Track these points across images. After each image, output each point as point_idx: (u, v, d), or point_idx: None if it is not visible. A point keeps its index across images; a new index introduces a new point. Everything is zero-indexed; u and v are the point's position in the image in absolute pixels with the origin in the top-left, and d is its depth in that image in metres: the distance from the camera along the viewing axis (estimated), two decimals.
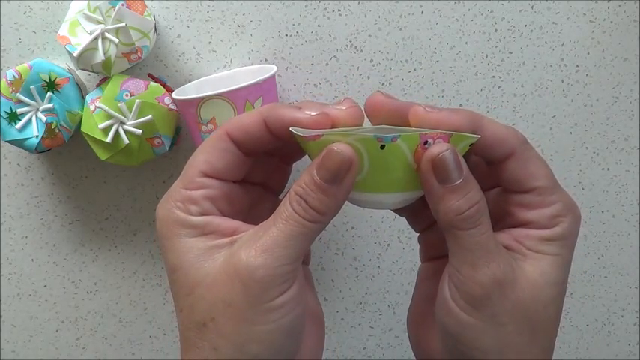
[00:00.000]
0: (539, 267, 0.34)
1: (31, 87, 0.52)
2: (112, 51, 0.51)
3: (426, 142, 0.32)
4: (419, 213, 0.40)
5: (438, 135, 0.32)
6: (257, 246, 0.32)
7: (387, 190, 0.34)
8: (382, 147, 0.32)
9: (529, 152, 0.35)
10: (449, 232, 0.33)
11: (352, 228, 0.62)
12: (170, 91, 0.55)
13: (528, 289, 0.33)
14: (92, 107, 0.52)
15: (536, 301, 0.34)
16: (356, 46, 0.58)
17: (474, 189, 0.33)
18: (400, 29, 0.58)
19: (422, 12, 0.58)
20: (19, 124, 0.52)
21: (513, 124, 0.60)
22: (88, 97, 0.53)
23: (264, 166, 0.39)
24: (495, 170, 0.36)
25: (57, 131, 0.53)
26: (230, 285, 0.32)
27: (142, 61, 0.57)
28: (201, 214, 0.34)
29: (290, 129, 0.33)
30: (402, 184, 0.33)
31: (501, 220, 0.36)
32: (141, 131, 0.52)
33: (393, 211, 0.40)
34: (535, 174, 0.35)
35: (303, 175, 0.33)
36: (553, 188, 0.35)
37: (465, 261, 0.33)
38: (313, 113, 0.33)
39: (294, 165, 0.41)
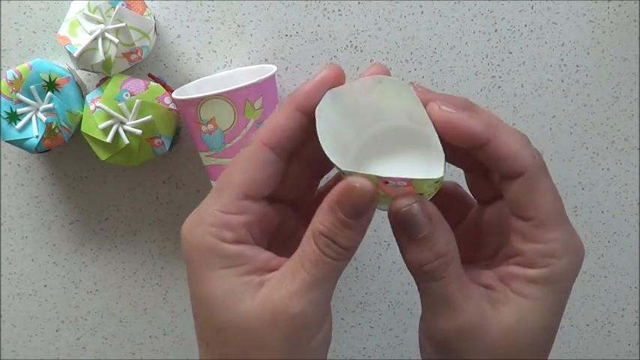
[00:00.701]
0: (518, 312, 0.32)
1: (31, 87, 0.52)
2: (112, 51, 0.51)
3: (387, 182, 0.31)
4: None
5: (400, 179, 0.31)
6: (291, 292, 0.31)
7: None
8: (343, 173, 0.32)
9: (541, 179, 0.32)
10: (415, 281, 0.33)
11: None
12: (170, 91, 0.55)
13: (501, 337, 0.32)
14: (92, 107, 0.52)
15: (510, 348, 0.32)
16: (356, 46, 0.58)
17: (439, 241, 0.32)
18: (400, 29, 0.58)
19: (422, 12, 0.58)
20: (19, 124, 0.52)
21: (513, 124, 0.60)
22: (88, 97, 0.53)
23: (295, 180, 0.37)
24: (502, 184, 0.34)
25: (57, 131, 0.53)
26: (267, 332, 0.31)
27: (142, 61, 0.57)
28: (237, 242, 0.33)
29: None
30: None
31: (501, 237, 0.35)
32: (141, 131, 0.52)
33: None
34: (538, 204, 0.32)
35: (324, 213, 0.32)
36: (555, 225, 0.32)
37: (428, 308, 0.33)
38: (327, 71, 0.33)
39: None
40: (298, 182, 0.37)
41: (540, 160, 0.33)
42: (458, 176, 0.38)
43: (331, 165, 0.32)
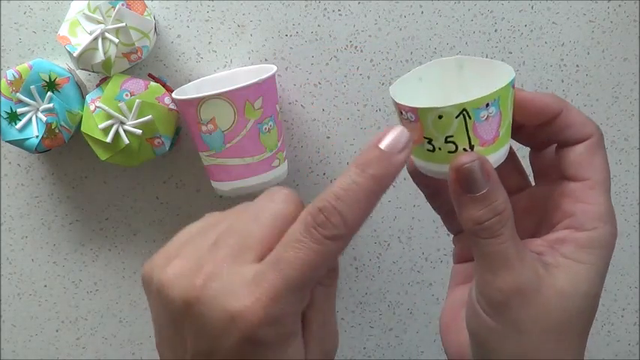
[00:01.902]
0: (571, 277, 0.34)
1: (31, 87, 0.52)
2: (112, 51, 0.51)
3: (401, 113, 0.33)
4: (453, 215, 0.40)
5: (408, 108, 0.33)
6: None
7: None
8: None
9: (600, 148, 0.36)
10: (471, 239, 0.34)
11: None
12: (170, 91, 0.55)
13: (555, 299, 0.33)
14: (92, 107, 0.52)
15: (563, 312, 0.34)
16: (356, 46, 0.58)
17: (498, 199, 0.33)
18: (400, 29, 0.58)
19: (422, 12, 0.58)
20: (19, 124, 0.52)
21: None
22: (88, 97, 0.53)
23: None
24: (562, 156, 0.36)
25: (57, 131, 0.53)
26: None
27: (142, 61, 0.57)
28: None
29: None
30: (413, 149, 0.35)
31: (549, 213, 0.37)
32: (141, 131, 0.52)
33: (434, 209, 0.41)
34: (598, 165, 0.35)
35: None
36: (606, 190, 0.35)
37: (485, 267, 0.33)
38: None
39: None
40: None
41: (602, 132, 0.36)
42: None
43: None
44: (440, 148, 0.34)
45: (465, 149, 0.34)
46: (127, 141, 0.52)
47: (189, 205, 0.60)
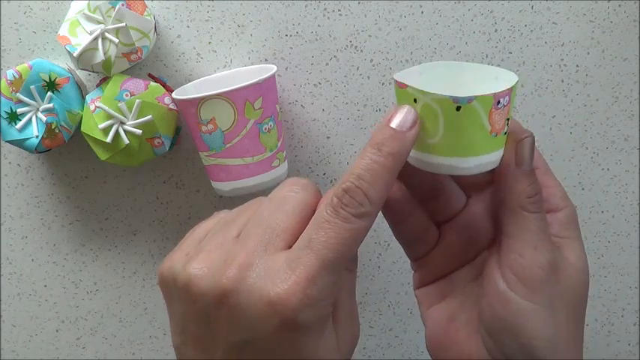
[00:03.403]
0: (573, 252, 0.36)
1: (31, 87, 0.52)
2: (112, 51, 0.51)
3: (498, 102, 0.34)
4: (419, 240, 0.41)
5: (505, 92, 0.34)
6: None
7: (460, 154, 0.35)
8: (458, 108, 0.33)
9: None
10: (517, 214, 0.35)
11: None
12: (170, 91, 0.55)
13: (574, 274, 0.35)
14: (92, 107, 0.52)
15: (580, 285, 0.35)
16: (356, 46, 0.58)
17: (537, 179, 0.35)
18: (400, 29, 0.58)
19: (422, 12, 0.58)
20: (19, 124, 0.52)
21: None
22: (88, 97, 0.53)
23: None
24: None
25: (57, 131, 0.53)
26: None
27: (142, 61, 0.57)
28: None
29: (393, 77, 0.35)
30: (475, 147, 0.35)
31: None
32: (141, 131, 0.52)
33: (397, 238, 0.41)
34: (538, 156, 0.37)
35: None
36: (552, 173, 0.38)
37: (528, 243, 0.34)
38: None
39: None
40: None
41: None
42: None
43: None
44: (505, 132, 0.35)
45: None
46: (127, 141, 0.52)
47: (189, 205, 0.60)
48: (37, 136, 0.52)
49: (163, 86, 0.54)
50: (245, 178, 0.52)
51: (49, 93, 0.52)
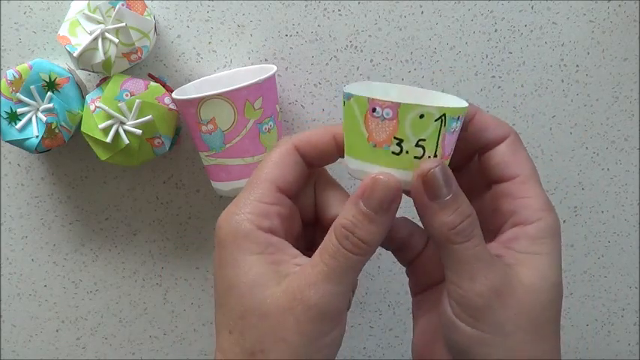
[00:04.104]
0: (536, 270, 0.34)
1: (31, 87, 0.52)
2: (112, 51, 0.51)
3: (374, 110, 0.32)
4: (405, 246, 0.40)
5: (387, 104, 0.32)
6: (309, 283, 0.32)
7: (349, 153, 0.34)
8: (344, 103, 0.33)
9: (520, 144, 0.36)
10: (444, 248, 0.34)
11: None
12: (170, 91, 0.55)
13: (528, 294, 0.33)
14: (92, 107, 0.52)
15: (536, 305, 0.34)
16: (356, 46, 0.58)
17: (464, 203, 0.33)
18: (400, 29, 0.58)
19: (422, 12, 0.58)
20: (19, 124, 0.52)
21: (513, 125, 0.60)
22: (88, 97, 0.53)
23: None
24: (486, 161, 0.36)
25: (57, 131, 0.53)
26: (283, 321, 0.32)
27: (142, 61, 0.57)
28: (270, 232, 0.34)
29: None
30: (356, 149, 0.34)
31: (489, 220, 0.37)
32: (141, 131, 0.52)
33: (381, 245, 0.40)
34: (523, 161, 0.36)
35: (347, 208, 0.33)
36: (537, 182, 0.36)
37: (463, 274, 0.33)
38: None
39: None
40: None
41: (514, 130, 0.37)
42: None
43: None
44: (407, 152, 0.33)
45: (429, 157, 0.33)
46: (127, 141, 0.52)
47: (189, 205, 0.60)
48: (37, 136, 0.52)
49: (163, 86, 0.54)
50: (245, 178, 0.52)
51: (49, 93, 0.52)
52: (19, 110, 0.52)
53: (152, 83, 0.53)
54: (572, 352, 0.65)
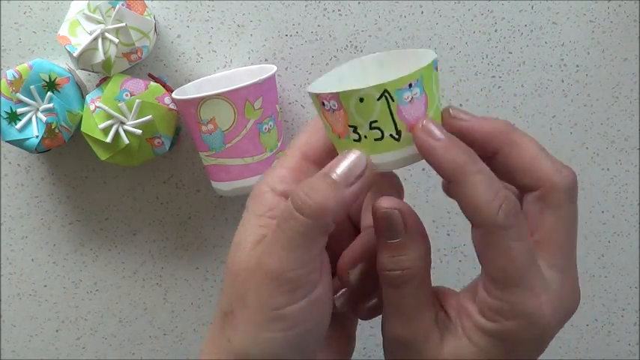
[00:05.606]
0: (457, 349, 0.32)
1: (31, 87, 0.52)
2: (112, 51, 0.51)
3: (324, 104, 0.32)
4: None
5: (329, 96, 0.31)
6: (266, 248, 0.31)
7: (336, 147, 0.34)
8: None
9: (556, 205, 0.32)
10: (383, 287, 0.34)
11: None
12: (170, 91, 0.55)
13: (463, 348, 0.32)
14: (92, 107, 0.52)
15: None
16: (356, 46, 0.58)
17: (408, 253, 0.32)
18: (400, 29, 0.58)
19: (422, 12, 0.58)
20: (19, 124, 0.52)
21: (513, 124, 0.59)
22: (88, 97, 0.53)
23: None
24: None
25: (57, 131, 0.53)
26: (246, 284, 0.31)
27: (142, 61, 0.57)
28: (283, 195, 0.33)
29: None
30: (334, 143, 0.34)
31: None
32: (141, 131, 0.52)
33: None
34: (547, 227, 0.32)
35: (312, 177, 0.32)
36: (517, 284, 0.30)
37: (383, 311, 0.35)
38: None
39: None
40: None
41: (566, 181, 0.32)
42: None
43: None
44: (366, 137, 0.31)
45: (391, 135, 0.31)
46: (126, 141, 0.52)
47: (189, 205, 0.60)
48: (37, 136, 0.52)
49: (163, 86, 0.54)
50: (245, 178, 0.52)
51: (49, 93, 0.52)
52: (19, 110, 0.52)
53: (152, 83, 0.53)
54: (572, 352, 0.65)
